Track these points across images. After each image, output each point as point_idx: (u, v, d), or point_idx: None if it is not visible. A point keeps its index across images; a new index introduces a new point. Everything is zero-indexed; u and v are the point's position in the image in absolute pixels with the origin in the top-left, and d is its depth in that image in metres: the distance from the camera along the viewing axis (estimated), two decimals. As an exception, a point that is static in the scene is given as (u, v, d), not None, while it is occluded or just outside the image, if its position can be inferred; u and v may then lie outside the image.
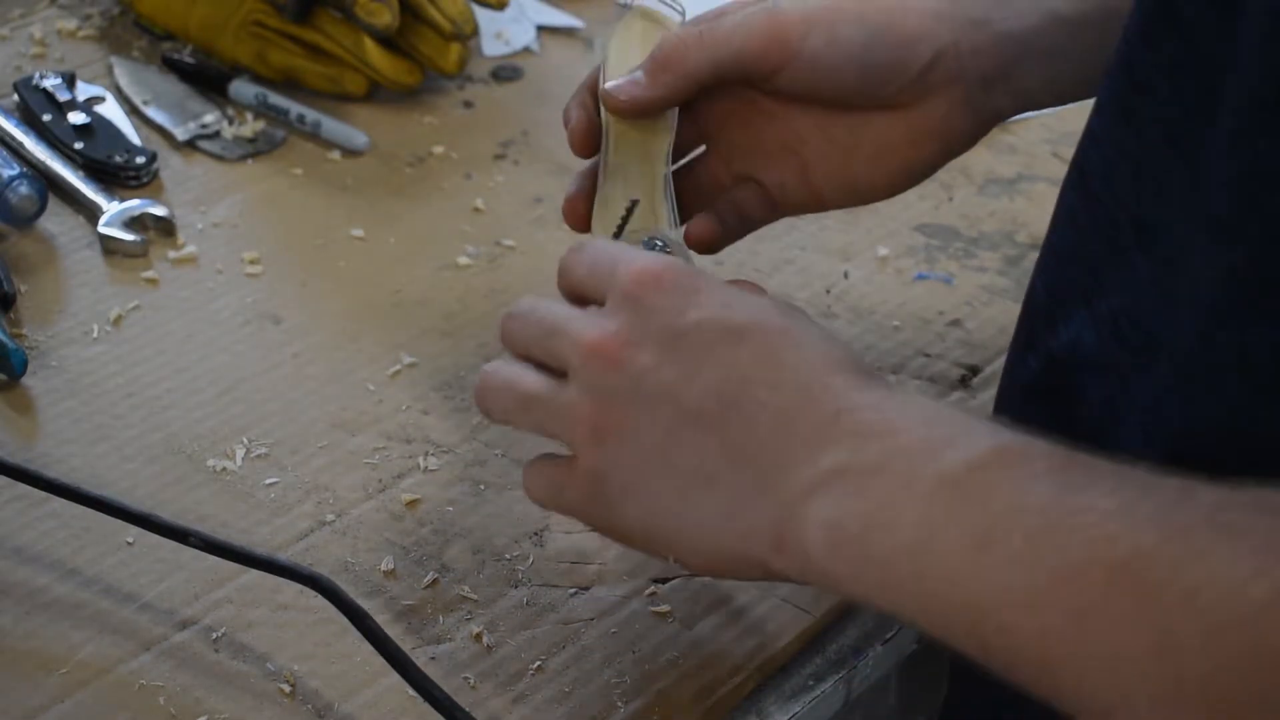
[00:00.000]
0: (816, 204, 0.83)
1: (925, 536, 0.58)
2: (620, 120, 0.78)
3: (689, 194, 0.81)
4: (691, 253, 0.79)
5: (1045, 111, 1.15)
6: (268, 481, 0.82)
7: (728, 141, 0.82)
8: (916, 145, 0.80)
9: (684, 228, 0.80)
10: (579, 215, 0.79)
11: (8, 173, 0.95)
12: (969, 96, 0.79)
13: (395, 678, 0.71)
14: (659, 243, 0.76)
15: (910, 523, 0.59)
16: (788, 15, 0.77)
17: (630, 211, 0.77)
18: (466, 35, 1.09)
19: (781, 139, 0.81)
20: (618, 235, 0.77)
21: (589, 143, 0.79)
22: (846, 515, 0.60)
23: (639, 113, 0.78)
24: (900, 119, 0.79)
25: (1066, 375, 0.71)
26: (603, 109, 0.78)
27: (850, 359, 0.65)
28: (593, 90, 0.80)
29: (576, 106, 0.80)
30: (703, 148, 0.83)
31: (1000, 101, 0.80)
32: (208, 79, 1.10)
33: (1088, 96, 0.77)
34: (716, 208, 0.82)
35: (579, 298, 0.70)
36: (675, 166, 0.80)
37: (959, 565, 0.57)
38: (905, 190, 0.82)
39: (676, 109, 0.79)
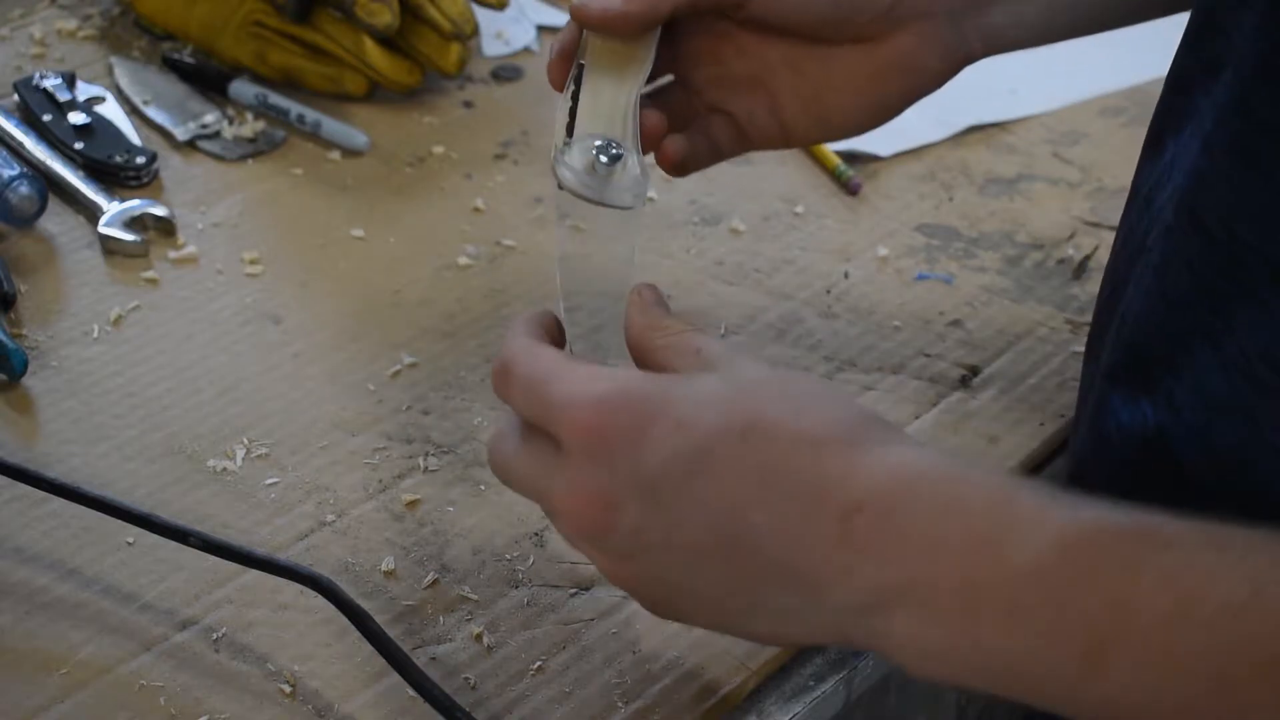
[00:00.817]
0: (784, 138, 0.84)
1: (1020, 657, 0.56)
2: (597, 40, 0.77)
3: (658, 119, 0.80)
4: (646, 167, 0.76)
5: (1045, 111, 1.16)
6: (268, 481, 0.82)
7: (698, 74, 0.83)
8: (885, 79, 0.81)
9: (649, 157, 0.79)
10: (557, 78, 0.78)
11: (8, 173, 0.95)
12: (938, 31, 0.80)
13: (395, 678, 0.71)
14: (613, 147, 0.74)
15: (997, 647, 0.57)
16: None
17: (574, 108, 0.75)
18: (466, 35, 1.09)
19: (751, 71, 0.82)
20: (568, 135, 0.75)
21: (564, 69, 0.78)
22: (920, 638, 0.58)
23: (609, 27, 0.76)
24: (869, 52, 0.81)
25: (1191, 420, 0.67)
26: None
27: (831, 417, 0.61)
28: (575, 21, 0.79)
29: (557, 38, 0.79)
30: (670, 77, 0.83)
31: (970, 38, 0.82)
32: (208, 79, 1.10)
33: (1054, 40, 0.83)
34: (688, 133, 0.83)
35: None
36: (645, 90, 0.79)
37: (1075, 680, 0.56)
38: (872, 128, 0.84)
39: (656, 34, 0.78)
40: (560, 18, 1.21)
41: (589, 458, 0.61)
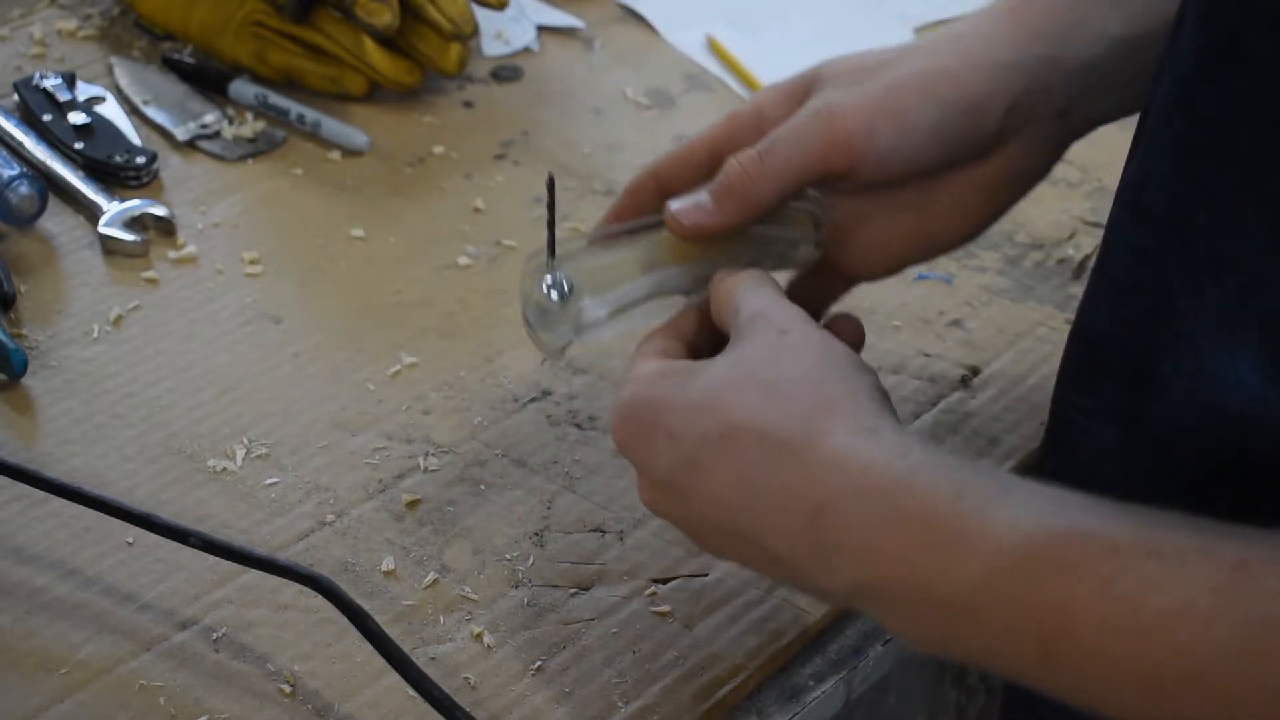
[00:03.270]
0: (893, 268, 0.81)
1: (983, 649, 0.60)
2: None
3: None
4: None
5: (1045, 111, 1.16)
6: (268, 481, 0.82)
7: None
8: (995, 192, 0.79)
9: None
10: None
11: (8, 173, 0.95)
12: (1044, 134, 0.78)
13: (395, 678, 0.71)
14: (551, 278, 0.75)
15: (961, 641, 0.61)
16: (847, 115, 0.74)
17: (552, 232, 0.75)
18: (466, 35, 1.09)
19: (847, 222, 0.79)
20: (550, 254, 0.76)
21: (630, 213, 0.78)
22: (896, 627, 0.63)
23: (699, 237, 0.75)
24: (977, 172, 0.78)
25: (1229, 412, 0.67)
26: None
27: (789, 413, 0.65)
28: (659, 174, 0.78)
29: (640, 176, 0.78)
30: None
31: (1074, 128, 0.79)
32: (208, 79, 1.10)
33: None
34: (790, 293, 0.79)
35: None
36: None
37: (1036, 669, 0.59)
38: (978, 236, 0.81)
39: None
40: (561, 18, 1.21)
41: (631, 460, 0.70)
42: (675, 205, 0.75)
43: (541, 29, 1.20)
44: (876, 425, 0.64)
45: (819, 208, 0.77)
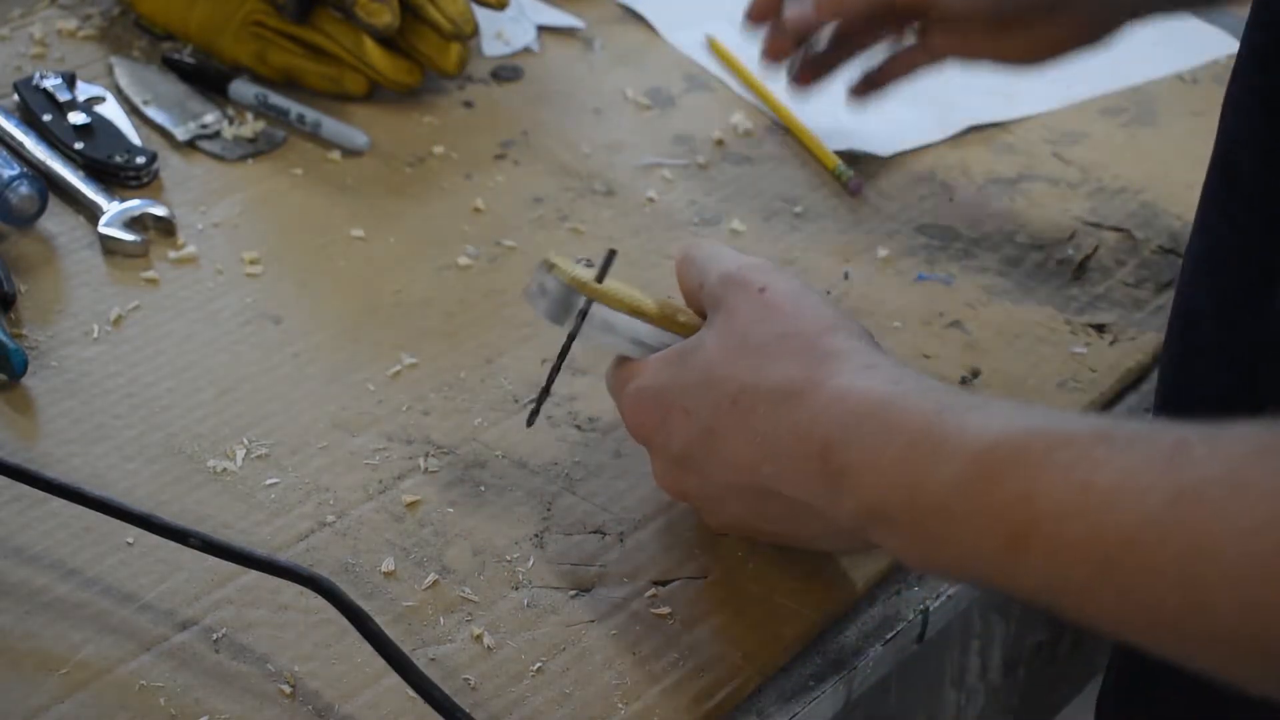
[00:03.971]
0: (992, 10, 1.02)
1: (965, 555, 0.64)
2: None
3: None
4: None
5: (1045, 111, 1.16)
6: (268, 482, 0.82)
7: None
8: (1052, 49, 1.01)
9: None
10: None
11: (8, 173, 0.95)
12: (1095, 15, 0.99)
13: (395, 679, 0.71)
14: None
15: (947, 549, 0.65)
16: None
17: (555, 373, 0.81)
18: (466, 35, 1.09)
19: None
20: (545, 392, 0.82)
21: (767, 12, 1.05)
22: (896, 548, 0.68)
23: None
24: (1039, 29, 1.00)
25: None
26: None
27: (791, 366, 0.71)
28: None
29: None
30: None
31: (1123, 12, 1.00)
32: (208, 79, 1.10)
33: (1207, 6, 1.05)
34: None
35: None
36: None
37: (1009, 568, 0.62)
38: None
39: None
40: (561, 18, 1.21)
41: (642, 444, 0.77)
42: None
43: (541, 29, 1.20)
44: (874, 361, 0.71)
45: None
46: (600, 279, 0.78)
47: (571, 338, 0.78)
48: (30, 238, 0.96)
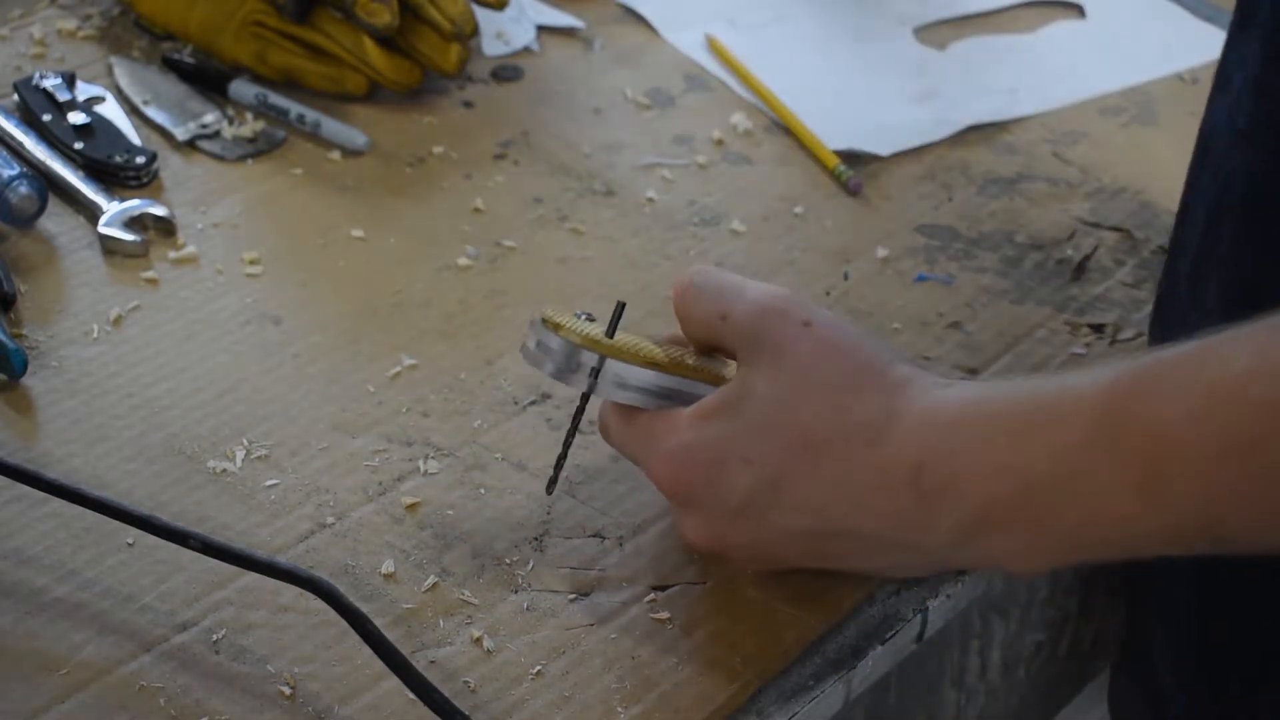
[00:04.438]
0: None
1: (1090, 520, 0.65)
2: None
3: None
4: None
5: (1045, 111, 1.16)
6: (268, 483, 0.82)
7: None
8: None
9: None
10: None
11: (8, 173, 0.95)
12: None
13: (395, 681, 0.71)
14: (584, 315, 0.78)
15: (1070, 522, 0.65)
16: None
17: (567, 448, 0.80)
18: (466, 35, 1.09)
19: None
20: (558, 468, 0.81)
21: None
22: (1010, 549, 0.68)
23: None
24: None
25: None
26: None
27: (866, 402, 0.70)
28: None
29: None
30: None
31: None
32: (208, 79, 1.10)
33: None
34: None
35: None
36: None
37: (1140, 514, 0.63)
38: None
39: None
40: (561, 18, 1.21)
41: (679, 503, 0.74)
42: None
43: (541, 29, 1.20)
44: (945, 381, 0.70)
45: None
46: (611, 333, 0.76)
47: (586, 398, 0.77)
48: (30, 238, 0.96)
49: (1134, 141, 1.15)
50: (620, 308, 0.76)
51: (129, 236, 0.95)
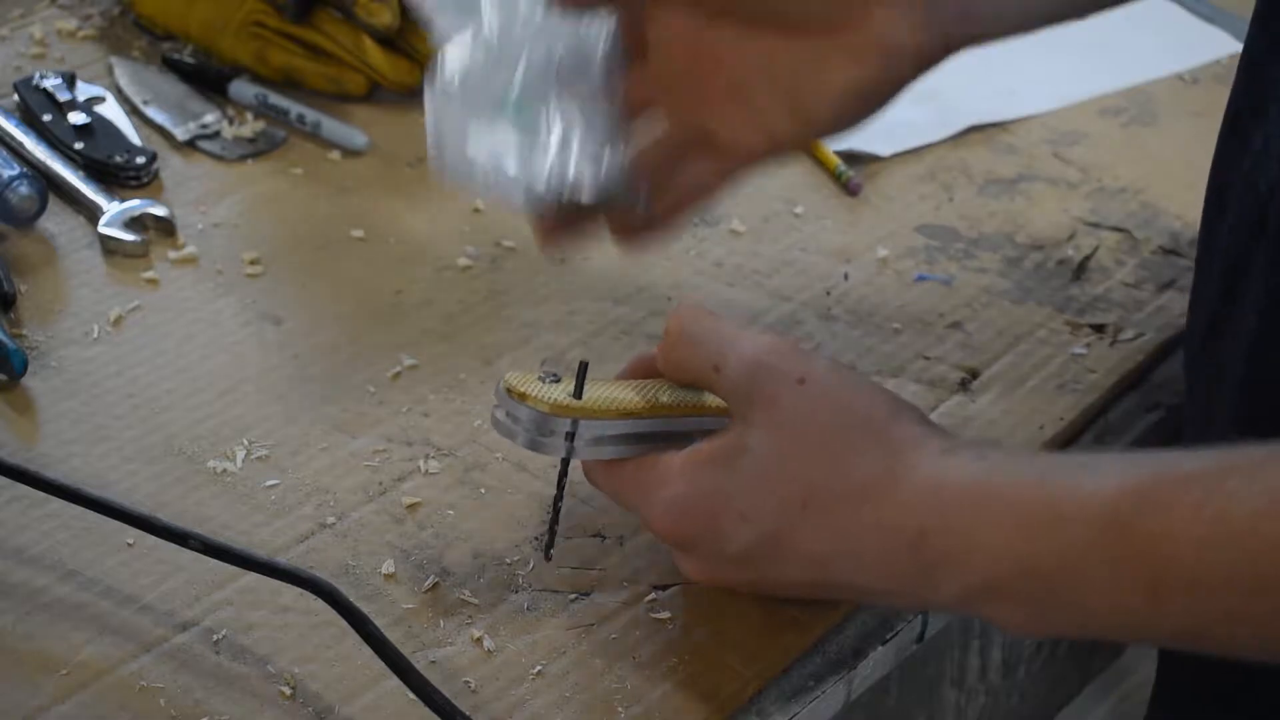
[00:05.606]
0: (769, 144, 0.82)
1: (1097, 611, 0.65)
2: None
3: (645, 165, 0.81)
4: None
5: (1045, 111, 1.16)
6: (268, 483, 0.82)
7: (677, 95, 0.81)
8: (862, 63, 0.78)
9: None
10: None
11: (8, 173, 0.95)
12: (915, 12, 0.78)
13: (395, 681, 0.71)
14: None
15: (1075, 609, 0.65)
16: None
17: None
18: (467, 35, 1.09)
19: (729, 82, 0.80)
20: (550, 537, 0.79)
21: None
22: (1010, 621, 0.68)
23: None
24: (844, 37, 0.78)
25: None
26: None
27: (868, 460, 0.69)
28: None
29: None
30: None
31: (948, 23, 0.80)
32: (208, 79, 1.10)
33: (1031, 30, 0.83)
34: (669, 185, 0.82)
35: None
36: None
37: (1147, 616, 0.63)
38: (855, 122, 0.81)
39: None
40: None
41: (679, 549, 0.74)
42: None
43: (542, 28, 1.20)
44: (950, 444, 0.69)
45: None
46: (578, 394, 0.74)
47: (567, 463, 0.77)
48: (30, 238, 0.96)
49: (1134, 141, 1.15)
50: (583, 368, 0.74)
51: (129, 236, 0.95)
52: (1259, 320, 0.75)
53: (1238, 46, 0.77)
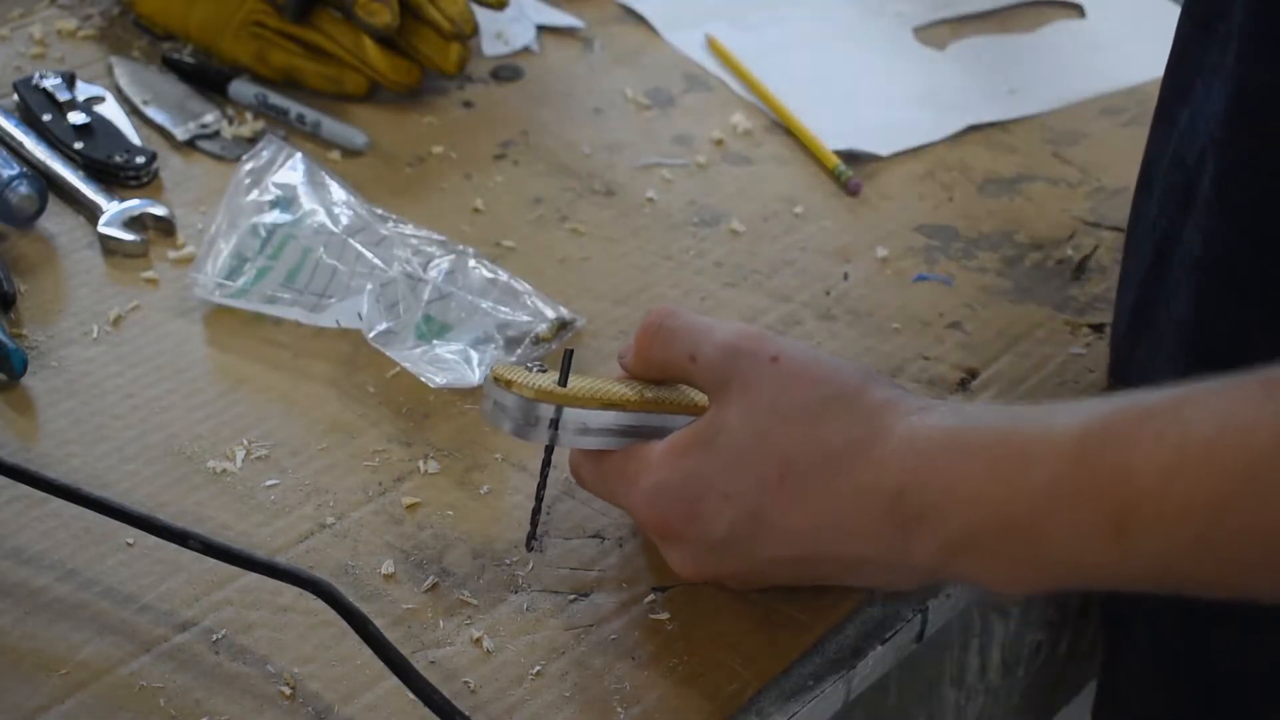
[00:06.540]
0: None
1: (1069, 554, 0.65)
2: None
3: None
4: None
5: (1045, 111, 1.16)
6: (268, 483, 0.82)
7: None
8: None
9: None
10: None
11: (8, 173, 0.95)
12: None
13: (395, 681, 0.71)
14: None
15: (1049, 555, 0.66)
16: None
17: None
18: (466, 35, 1.09)
19: None
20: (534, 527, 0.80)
21: None
22: (990, 572, 0.68)
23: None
24: None
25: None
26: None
27: (842, 425, 0.70)
28: None
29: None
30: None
31: None
32: (208, 79, 1.10)
33: None
34: None
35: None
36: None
37: (1115, 555, 0.63)
38: None
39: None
40: (561, 18, 1.21)
41: (664, 539, 0.74)
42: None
43: (541, 29, 1.20)
44: (924, 404, 0.70)
45: None
46: (563, 382, 0.75)
47: (550, 450, 0.77)
48: (30, 238, 0.96)
49: (1134, 141, 1.14)
50: (568, 355, 0.75)
51: (129, 236, 0.96)
52: (1192, 295, 0.77)
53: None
